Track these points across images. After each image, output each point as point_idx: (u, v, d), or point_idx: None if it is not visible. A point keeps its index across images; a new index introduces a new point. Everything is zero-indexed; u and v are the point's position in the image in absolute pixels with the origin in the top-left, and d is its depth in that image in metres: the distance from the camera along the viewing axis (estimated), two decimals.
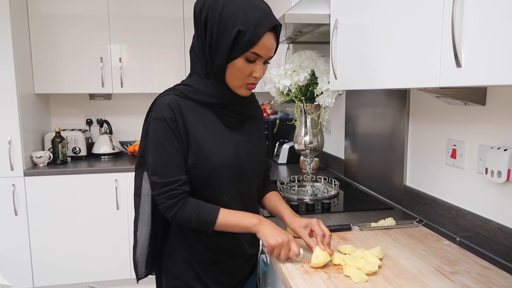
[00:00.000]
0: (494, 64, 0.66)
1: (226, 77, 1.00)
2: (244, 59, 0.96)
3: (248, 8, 0.94)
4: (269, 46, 0.97)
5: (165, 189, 0.98)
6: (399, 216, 1.47)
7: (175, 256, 1.10)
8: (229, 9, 0.94)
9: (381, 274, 0.97)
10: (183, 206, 0.98)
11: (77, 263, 2.67)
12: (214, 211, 1.00)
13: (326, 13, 1.47)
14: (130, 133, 3.24)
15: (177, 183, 0.98)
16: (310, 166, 1.80)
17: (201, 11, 0.98)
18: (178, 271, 1.09)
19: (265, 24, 0.94)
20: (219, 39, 0.95)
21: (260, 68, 1.00)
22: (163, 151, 0.98)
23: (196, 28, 1.01)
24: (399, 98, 1.59)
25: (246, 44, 0.94)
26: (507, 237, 1.06)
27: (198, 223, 0.99)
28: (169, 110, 0.98)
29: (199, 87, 1.02)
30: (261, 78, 1.02)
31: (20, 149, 2.54)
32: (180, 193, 0.98)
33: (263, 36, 0.94)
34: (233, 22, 0.93)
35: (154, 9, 2.88)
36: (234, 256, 1.11)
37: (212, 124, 1.03)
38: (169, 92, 1.03)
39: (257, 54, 0.96)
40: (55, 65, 2.78)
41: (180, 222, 1.00)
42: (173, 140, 0.98)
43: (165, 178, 0.98)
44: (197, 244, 1.07)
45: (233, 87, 1.02)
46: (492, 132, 1.13)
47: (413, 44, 0.91)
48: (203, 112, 1.03)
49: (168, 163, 0.98)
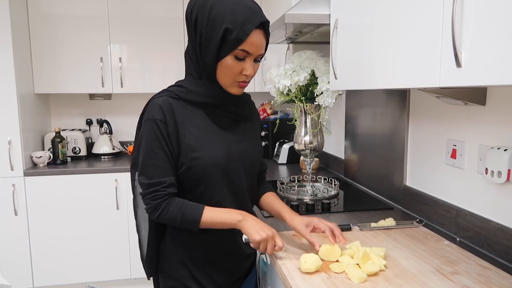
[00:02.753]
0: (494, 64, 0.66)
1: (217, 76, 1.02)
2: (233, 57, 0.98)
3: (235, 7, 0.95)
4: (257, 43, 0.98)
5: (150, 190, 0.99)
6: (399, 216, 1.47)
7: (170, 256, 1.10)
8: (217, 9, 0.95)
9: (381, 274, 0.97)
10: (167, 206, 0.99)
11: (77, 263, 2.67)
12: (199, 209, 1.00)
13: (326, 13, 1.47)
14: (130, 133, 3.24)
15: (162, 184, 0.99)
16: (310, 166, 1.80)
17: (191, 12, 1.00)
18: (173, 271, 1.09)
19: (252, 22, 0.96)
20: (208, 38, 0.97)
21: (250, 65, 1.01)
22: (151, 152, 0.99)
23: (188, 30, 1.03)
24: (399, 98, 1.59)
25: (234, 41, 0.95)
26: (507, 237, 1.06)
27: (182, 222, 1.00)
28: (160, 111, 1.00)
29: (191, 87, 1.03)
30: (252, 76, 1.03)
31: (20, 149, 2.54)
32: (164, 194, 0.99)
33: (250, 33, 0.95)
34: (220, 21, 0.94)
35: (154, 9, 2.88)
36: (230, 255, 1.12)
37: (204, 124, 1.04)
38: (162, 94, 1.04)
39: (246, 51, 0.97)
40: (55, 65, 2.78)
41: (165, 222, 1.01)
42: (161, 142, 0.99)
43: (151, 179, 0.99)
44: (192, 244, 1.08)
45: (225, 85, 1.03)
46: (492, 132, 1.13)
47: (413, 44, 0.91)
48: (195, 112, 1.04)
49: (155, 164, 0.99)
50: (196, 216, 0.99)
